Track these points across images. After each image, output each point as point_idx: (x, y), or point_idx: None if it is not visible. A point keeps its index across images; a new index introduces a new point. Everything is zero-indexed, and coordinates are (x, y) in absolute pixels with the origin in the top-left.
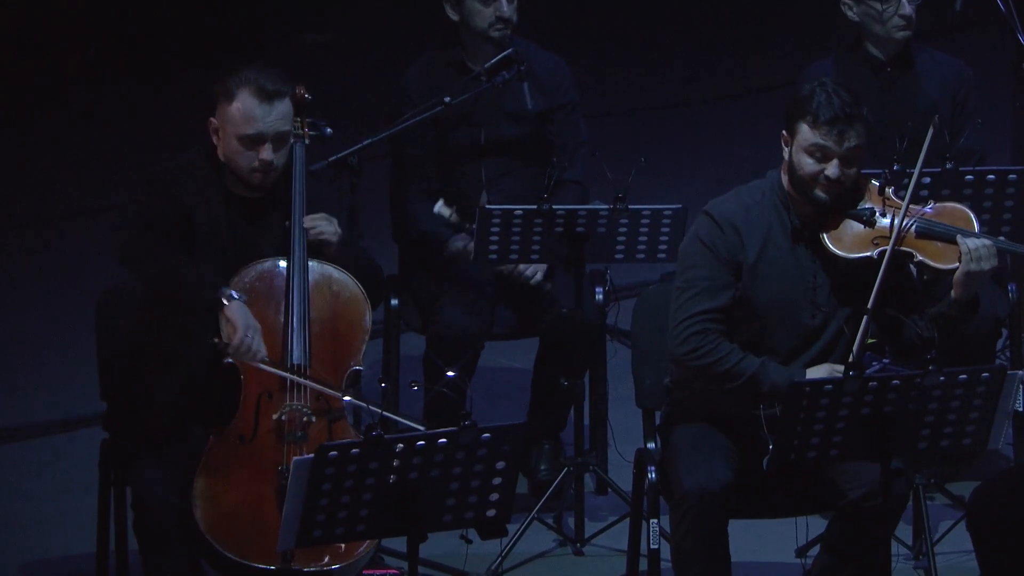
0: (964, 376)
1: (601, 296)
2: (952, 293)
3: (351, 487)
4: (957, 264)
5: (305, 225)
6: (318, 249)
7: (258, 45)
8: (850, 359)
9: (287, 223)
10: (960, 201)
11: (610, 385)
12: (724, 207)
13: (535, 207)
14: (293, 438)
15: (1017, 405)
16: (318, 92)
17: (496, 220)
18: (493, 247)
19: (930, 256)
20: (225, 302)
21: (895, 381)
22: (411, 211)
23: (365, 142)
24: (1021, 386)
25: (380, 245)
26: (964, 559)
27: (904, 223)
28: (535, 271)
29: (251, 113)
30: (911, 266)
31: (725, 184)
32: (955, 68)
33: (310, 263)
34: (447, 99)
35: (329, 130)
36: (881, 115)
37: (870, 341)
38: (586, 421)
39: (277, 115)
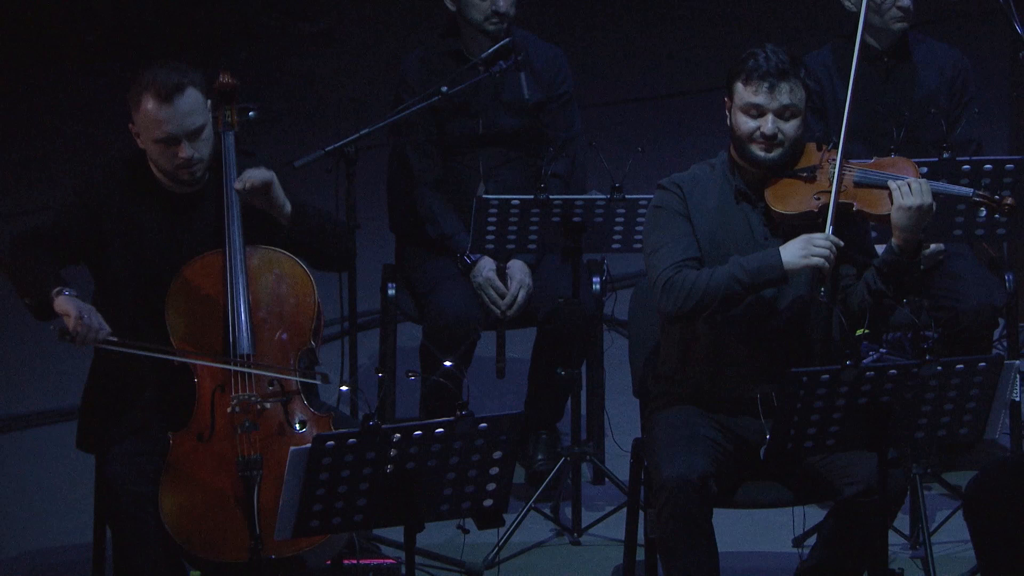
0: (961, 366)
1: (598, 286)
2: (892, 239)
3: (347, 477)
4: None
5: (236, 187)
6: (269, 199)
7: (250, 34)
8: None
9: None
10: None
11: (607, 375)
12: (672, 177)
13: (532, 197)
14: (243, 428)
15: (1014, 395)
16: (313, 82)
17: (493, 210)
18: (490, 237)
19: (868, 205)
20: (55, 295)
21: (892, 371)
22: (428, 208)
23: (362, 131)
24: (1018, 376)
25: (377, 235)
26: (961, 549)
27: (841, 174)
28: (514, 301)
29: (156, 116)
30: (866, 226)
31: None
32: (952, 58)
33: (251, 248)
34: (444, 88)
35: (252, 113)
36: (878, 105)
37: (865, 331)
38: (583, 411)
39: (183, 112)
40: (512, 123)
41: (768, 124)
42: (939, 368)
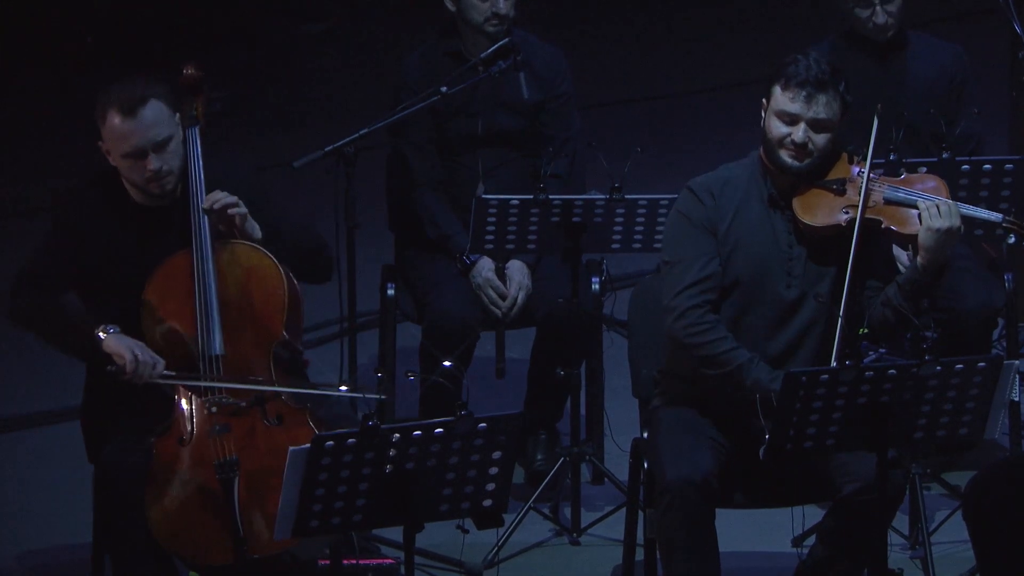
0: (960, 366)
1: (597, 286)
2: (919, 258)
3: (347, 477)
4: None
5: (204, 207)
6: (235, 228)
7: (255, 35)
8: (833, 349)
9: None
10: (956, 190)
11: (606, 375)
12: (703, 179)
13: (531, 197)
14: (214, 432)
15: (1013, 395)
16: (312, 82)
17: (492, 210)
18: (489, 237)
19: (896, 223)
20: (101, 336)
21: (891, 371)
22: (427, 209)
23: (362, 131)
24: (1017, 376)
25: (376, 236)
26: (960, 549)
27: (871, 190)
28: (514, 304)
29: (121, 131)
30: (890, 241)
31: None
32: (951, 54)
33: (219, 244)
34: (444, 89)
35: (217, 104)
36: (876, 101)
37: (863, 331)
38: (582, 411)
39: (146, 124)
40: (511, 123)
41: (799, 133)
42: (938, 368)
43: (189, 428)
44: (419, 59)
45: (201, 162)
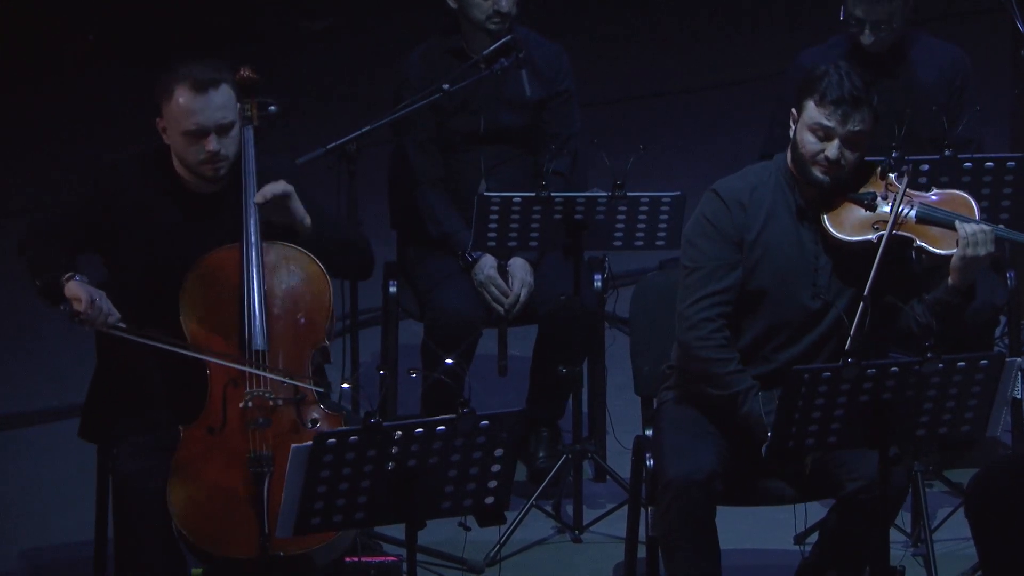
0: (962, 363)
1: (599, 283)
2: (949, 279)
3: (349, 474)
4: (955, 249)
5: (256, 200)
6: (288, 225)
7: (254, 32)
8: (846, 346)
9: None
10: (958, 189)
11: (608, 372)
12: (731, 185)
13: (533, 194)
14: (255, 425)
15: (1015, 392)
16: (315, 80)
17: (495, 207)
18: (492, 234)
19: (929, 241)
20: (65, 281)
21: (893, 368)
22: (429, 206)
23: (364, 129)
24: (1019, 373)
25: (379, 233)
26: (962, 546)
27: (904, 208)
28: (516, 301)
29: (189, 107)
30: (912, 252)
31: (723, 172)
32: (951, 55)
33: (267, 244)
34: (446, 86)
35: (273, 107)
36: (879, 104)
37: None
38: (584, 408)
39: (216, 105)
40: (513, 120)
41: (833, 149)
42: (941, 366)
43: (220, 418)
44: (421, 56)
45: (253, 162)
